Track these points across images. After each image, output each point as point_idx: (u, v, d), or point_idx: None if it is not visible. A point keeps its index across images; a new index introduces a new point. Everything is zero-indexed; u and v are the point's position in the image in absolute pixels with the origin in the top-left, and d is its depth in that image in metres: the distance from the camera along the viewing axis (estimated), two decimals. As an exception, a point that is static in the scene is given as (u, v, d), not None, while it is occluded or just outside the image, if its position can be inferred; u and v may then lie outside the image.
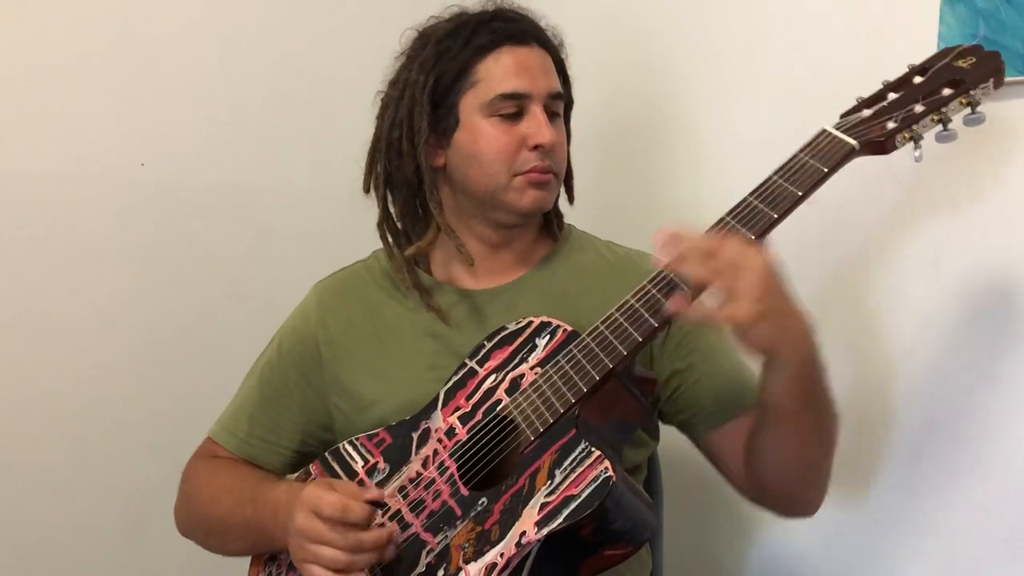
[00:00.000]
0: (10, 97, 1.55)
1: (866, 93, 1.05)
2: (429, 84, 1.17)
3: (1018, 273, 1.14)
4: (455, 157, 1.19)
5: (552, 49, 1.22)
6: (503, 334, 1.13)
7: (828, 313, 1.17)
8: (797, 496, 1.11)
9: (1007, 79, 1.07)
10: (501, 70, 1.16)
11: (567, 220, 1.31)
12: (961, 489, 1.19)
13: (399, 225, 1.27)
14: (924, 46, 1.12)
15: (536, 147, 1.16)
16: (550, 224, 1.28)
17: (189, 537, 1.26)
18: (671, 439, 1.28)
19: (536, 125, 1.15)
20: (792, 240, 1.02)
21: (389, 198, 1.25)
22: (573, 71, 1.26)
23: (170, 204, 1.69)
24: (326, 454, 1.18)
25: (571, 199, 1.30)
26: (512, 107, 1.16)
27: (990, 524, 1.16)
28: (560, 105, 1.21)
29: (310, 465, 1.19)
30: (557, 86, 1.20)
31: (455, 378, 1.13)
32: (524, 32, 1.18)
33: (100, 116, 1.62)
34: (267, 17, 1.77)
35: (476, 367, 1.12)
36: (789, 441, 1.03)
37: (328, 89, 1.81)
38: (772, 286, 0.91)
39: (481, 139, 1.16)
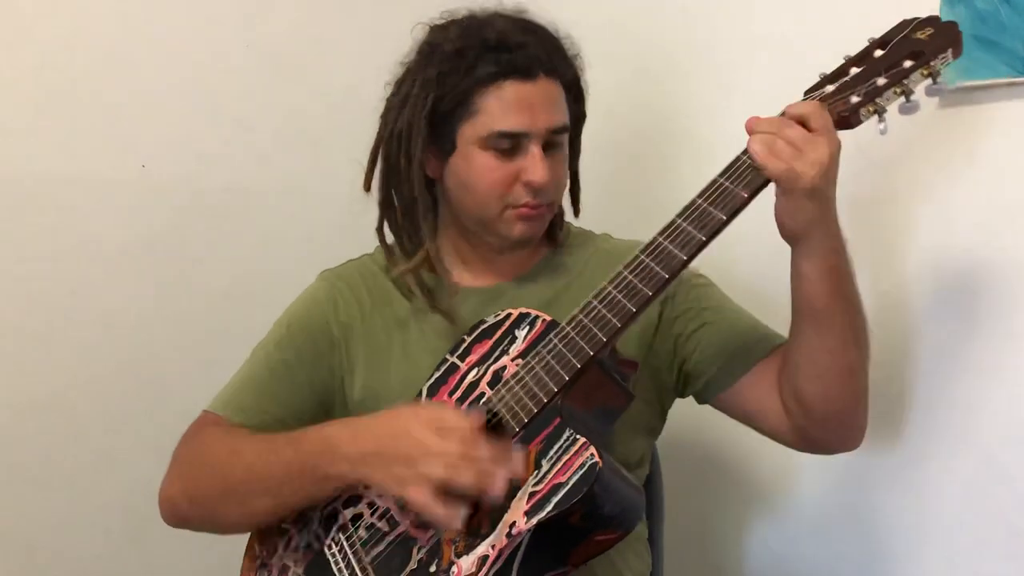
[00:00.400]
0: (12, 99, 1.56)
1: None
2: (428, 106, 1.14)
3: (1019, 267, 1.13)
4: (450, 177, 1.18)
5: (563, 73, 1.16)
6: (482, 327, 1.13)
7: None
8: (845, 410, 1.08)
9: (1007, 80, 1.09)
10: (501, 106, 1.12)
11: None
12: (961, 489, 1.19)
13: (400, 220, 1.24)
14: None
15: (529, 184, 1.14)
16: (552, 227, 1.26)
17: (183, 507, 1.16)
18: (671, 437, 1.27)
19: (532, 163, 1.13)
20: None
21: (391, 197, 1.23)
22: None
23: (171, 206, 1.70)
24: None
25: (576, 212, 1.29)
26: (509, 144, 1.13)
27: (990, 524, 1.16)
28: (563, 137, 1.18)
29: None
30: (559, 120, 1.15)
31: (437, 374, 1.13)
32: (530, 66, 1.12)
33: (101, 118, 1.63)
34: (269, 18, 1.77)
35: (457, 362, 1.12)
36: (826, 343, 1.03)
37: (329, 91, 1.82)
38: (833, 172, 0.97)
39: (475, 170, 1.14)
